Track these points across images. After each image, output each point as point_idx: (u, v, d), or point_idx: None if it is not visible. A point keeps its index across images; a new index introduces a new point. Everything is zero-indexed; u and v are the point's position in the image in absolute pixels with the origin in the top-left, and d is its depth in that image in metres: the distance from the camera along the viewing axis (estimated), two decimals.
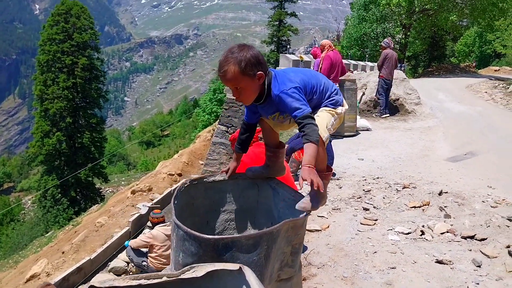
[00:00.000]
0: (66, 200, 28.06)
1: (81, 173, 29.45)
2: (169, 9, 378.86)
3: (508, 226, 3.91)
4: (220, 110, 35.45)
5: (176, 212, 1.84)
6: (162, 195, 9.49)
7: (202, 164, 13.91)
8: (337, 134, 8.15)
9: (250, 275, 1.27)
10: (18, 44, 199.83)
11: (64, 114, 30.09)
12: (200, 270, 1.30)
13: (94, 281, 1.25)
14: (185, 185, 2.16)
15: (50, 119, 30.15)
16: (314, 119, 2.04)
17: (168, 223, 6.70)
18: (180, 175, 12.75)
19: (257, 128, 3.59)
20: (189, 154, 14.46)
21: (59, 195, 27.77)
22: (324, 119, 2.21)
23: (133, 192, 10.42)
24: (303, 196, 2.12)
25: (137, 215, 8.05)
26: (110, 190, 36.72)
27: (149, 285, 1.24)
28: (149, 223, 7.65)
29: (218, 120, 12.01)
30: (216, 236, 1.61)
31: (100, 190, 33.07)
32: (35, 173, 49.17)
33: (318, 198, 2.05)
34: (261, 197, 2.36)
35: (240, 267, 1.31)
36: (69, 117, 30.32)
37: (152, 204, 8.60)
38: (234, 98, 2.20)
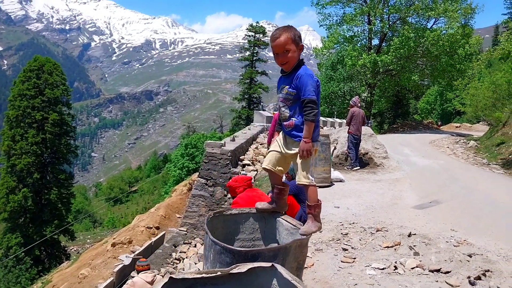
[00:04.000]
0: (30, 259, 27.01)
1: (47, 230, 28.61)
2: (140, 66, 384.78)
3: (468, 261, 4.49)
4: (192, 165, 35.84)
5: (209, 234, 2.32)
6: (143, 247, 9.66)
7: (179, 217, 14.12)
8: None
9: (281, 269, 1.74)
10: None
11: (31, 169, 29.53)
12: (243, 267, 1.76)
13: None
14: (210, 217, 2.65)
15: (16, 175, 29.46)
16: (315, 104, 2.75)
17: (150, 271, 6.94)
18: (157, 228, 12.91)
19: (249, 176, 4.18)
20: (166, 207, 14.66)
21: (22, 254, 26.70)
22: (305, 169, 2.82)
23: (113, 245, 10.53)
24: (303, 225, 2.67)
25: (120, 265, 8.20)
26: (75, 249, 35.53)
27: (208, 277, 1.71)
28: (133, 273, 7.84)
29: (198, 173, 12.43)
30: (246, 249, 2.10)
31: (66, 249, 31.92)
32: None
33: (314, 224, 2.64)
34: (268, 228, 2.87)
35: (272, 264, 1.79)
36: (36, 173, 29.75)
37: (135, 255, 8.77)
38: (280, 61, 2.91)
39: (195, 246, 11.12)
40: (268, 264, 1.79)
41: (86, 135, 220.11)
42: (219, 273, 1.72)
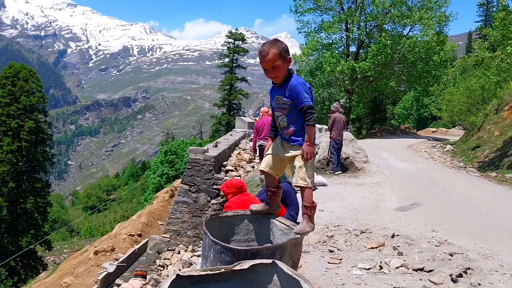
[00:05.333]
0: (5, 270, 26.36)
1: (23, 240, 28.00)
2: (117, 73, 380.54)
3: (450, 260, 4.67)
4: (171, 172, 35.59)
5: (209, 235, 2.39)
6: (127, 255, 9.59)
7: (161, 224, 14.04)
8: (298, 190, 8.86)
9: (282, 265, 1.83)
10: None
11: (6, 178, 28.92)
12: (246, 264, 1.84)
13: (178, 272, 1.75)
14: (207, 219, 2.72)
15: None
16: (314, 109, 2.90)
17: (140, 278, 6.92)
18: (140, 235, 12.82)
19: (240, 181, 4.28)
20: (148, 215, 14.57)
21: None
22: (302, 169, 2.93)
23: (96, 253, 10.42)
24: (296, 226, 2.76)
25: (104, 273, 8.13)
26: (52, 259, 34.84)
27: (212, 274, 1.77)
28: (117, 281, 7.79)
29: (181, 179, 12.40)
30: (246, 248, 2.17)
31: (42, 259, 31.25)
32: None
33: (308, 224, 2.74)
34: (262, 229, 2.96)
35: (273, 261, 1.87)
36: (12, 182, 29.16)
37: (118, 263, 8.71)
38: (269, 77, 3.03)
39: (179, 252, 11.09)
40: (269, 261, 1.87)
41: (62, 143, 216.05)
42: (222, 270, 1.79)
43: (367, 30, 28.51)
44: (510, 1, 13.86)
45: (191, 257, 10.14)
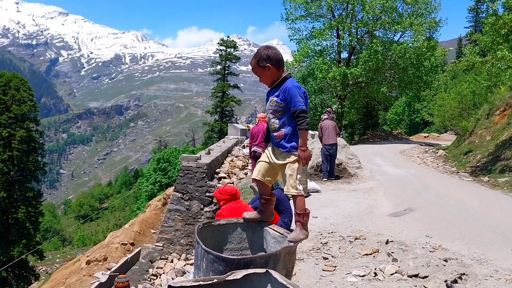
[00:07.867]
0: None
1: (14, 250, 27.70)
2: (109, 81, 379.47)
3: (444, 265, 4.65)
4: (164, 179, 35.43)
5: (201, 244, 2.35)
6: (119, 264, 9.49)
7: (154, 232, 13.93)
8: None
9: (275, 274, 1.79)
10: None
11: None
12: (239, 274, 1.81)
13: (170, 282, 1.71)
14: (200, 227, 2.68)
15: None
16: (306, 113, 2.91)
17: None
18: (132, 244, 12.69)
19: (234, 188, 4.26)
20: (141, 223, 14.44)
21: None
22: (293, 177, 2.90)
23: (88, 263, 10.30)
24: (290, 233, 2.73)
25: (97, 283, 8.03)
26: (44, 269, 34.51)
27: (205, 285, 1.74)
28: None
29: (174, 187, 12.33)
30: (239, 257, 2.14)
31: (34, 269, 30.93)
32: None
33: (302, 231, 2.71)
34: (255, 237, 2.93)
35: (267, 270, 1.84)
36: (3, 191, 28.92)
37: (111, 272, 8.61)
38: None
39: (172, 261, 10.98)
40: (263, 270, 1.84)
41: (54, 151, 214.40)
42: (215, 280, 1.75)
43: (358, 36, 28.68)
44: (500, 6, 14.00)
45: (184, 265, 10.05)
